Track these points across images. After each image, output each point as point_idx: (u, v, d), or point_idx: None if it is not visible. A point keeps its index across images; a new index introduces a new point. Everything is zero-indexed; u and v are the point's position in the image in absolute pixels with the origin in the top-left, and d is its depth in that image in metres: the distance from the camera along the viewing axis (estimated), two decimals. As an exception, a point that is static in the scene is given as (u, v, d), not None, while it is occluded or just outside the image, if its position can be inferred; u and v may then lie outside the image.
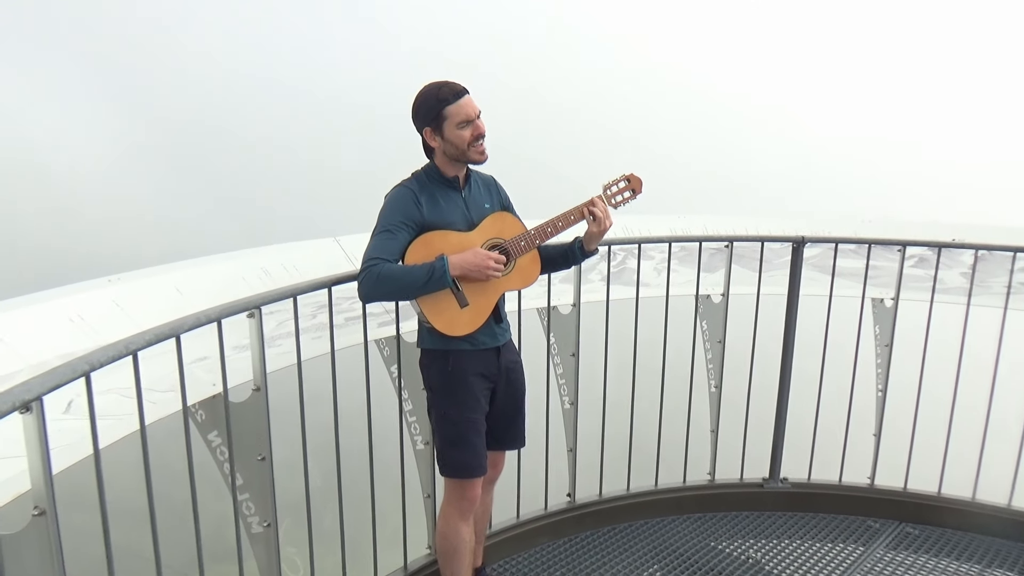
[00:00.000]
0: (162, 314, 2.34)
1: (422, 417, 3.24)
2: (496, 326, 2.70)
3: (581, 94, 8.21)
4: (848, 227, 4.34)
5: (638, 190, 2.68)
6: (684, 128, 8.21)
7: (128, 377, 2.02)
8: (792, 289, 3.92)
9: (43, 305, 2.28)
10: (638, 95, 8.30)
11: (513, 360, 2.84)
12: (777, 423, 4.08)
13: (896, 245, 3.87)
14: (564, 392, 3.76)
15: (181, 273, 2.71)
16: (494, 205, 2.72)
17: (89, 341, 2.29)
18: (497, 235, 2.60)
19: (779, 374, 4.04)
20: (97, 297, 2.41)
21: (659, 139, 8.12)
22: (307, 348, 2.84)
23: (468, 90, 2.51)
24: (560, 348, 3.70)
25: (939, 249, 3.85)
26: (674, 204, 4.46)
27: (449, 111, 2.48)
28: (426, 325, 2.63)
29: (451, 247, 2.51)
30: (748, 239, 3.90)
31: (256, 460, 2.58)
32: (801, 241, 3.83)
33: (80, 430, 1.97)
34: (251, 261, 2.96)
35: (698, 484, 4.05)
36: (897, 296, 3.93)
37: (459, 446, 2.68)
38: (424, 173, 2.63)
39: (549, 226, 2.61)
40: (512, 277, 2.63)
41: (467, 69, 7.64)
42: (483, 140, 2.53)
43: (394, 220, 2.51)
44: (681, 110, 8.28)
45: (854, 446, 4.09)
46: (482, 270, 2.50)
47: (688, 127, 8.22)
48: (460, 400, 2.67)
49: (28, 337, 2.17)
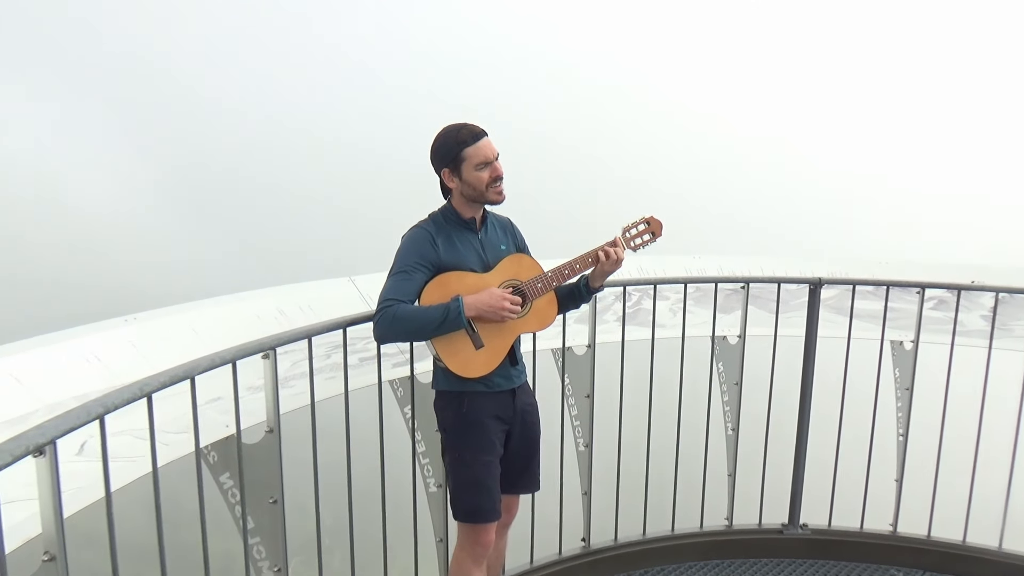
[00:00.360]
0: (178, 354, 2.34)
1: (435, 459, 3.20)
2: (512, 368, 2.68)
3: (595, 135, 8.28)
4: (865, 268, 4.31)
5: (658, 233, 2.67)
6: (699, 168, 8.25)
7: (142, 418, 2.01)
8: (810, 331, 3.87)
9: (60, 345, 2.29)
10: (653, 135, 8.37)
11: (528, 402, 2.81)
12: (796, 467, 4.00)
13: (915, 287, 3.83)
14: (579, 434, 3.71)
15: (197, 313, 2.72)
16: (510, 247, 2.72)
17: (105, 382, 2.29)
18: (514, 276, 2.60)
19: (797, 417, 3.97)
20: (114, 337, 2.41)
21: (674, 179, 8.15)
22: (321, 388, 2.82)
23: (487, 132, 2.53)
24: (575, 389, 3.66)
25: (959, 291, 3.81)
26: (689, 244, 4.45)
27: (468, 153, 2.49)
28: (440, 366, 2.61)
29: (467, 288, 2.51)
30: (764, 280, 3.88)
31: (268, 503, 2.55)
32: (818, 283, 3.80)
33: (93, 472, 1.96)
34: (267, 301, 2.97)
35: (716, 529, 3.96)
36: (917, 339, 3.88)
37: (473, 490, 2.64)
38: (441, 214, 2.64)
39: (566, 268, 2.60)
40: (528, 319, 2.61)
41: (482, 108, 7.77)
42: (501, 182, 2.54)
43: (410, 261, 2.51)
44: (696, 150, 8.33)
45: (876, 491, 4.00)
46: (497, 311, 2.49)
47: (703, 167, 8.25)
48: (475, 443, 2.64)
49: (44, 377, 2.17)
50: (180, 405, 2.20)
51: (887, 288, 3.82)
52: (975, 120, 8.28)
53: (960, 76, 8.17)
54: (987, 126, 8.32)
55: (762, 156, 8.39)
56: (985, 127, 8.32)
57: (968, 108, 8.23)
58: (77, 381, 2.22)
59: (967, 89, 8.18)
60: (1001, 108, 8.29)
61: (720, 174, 8.29)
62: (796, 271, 4.16)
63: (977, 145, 8.33)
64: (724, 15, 8.31)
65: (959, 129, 8.29)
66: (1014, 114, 8.27)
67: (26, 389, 2.09)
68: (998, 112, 8.28)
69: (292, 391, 2.82)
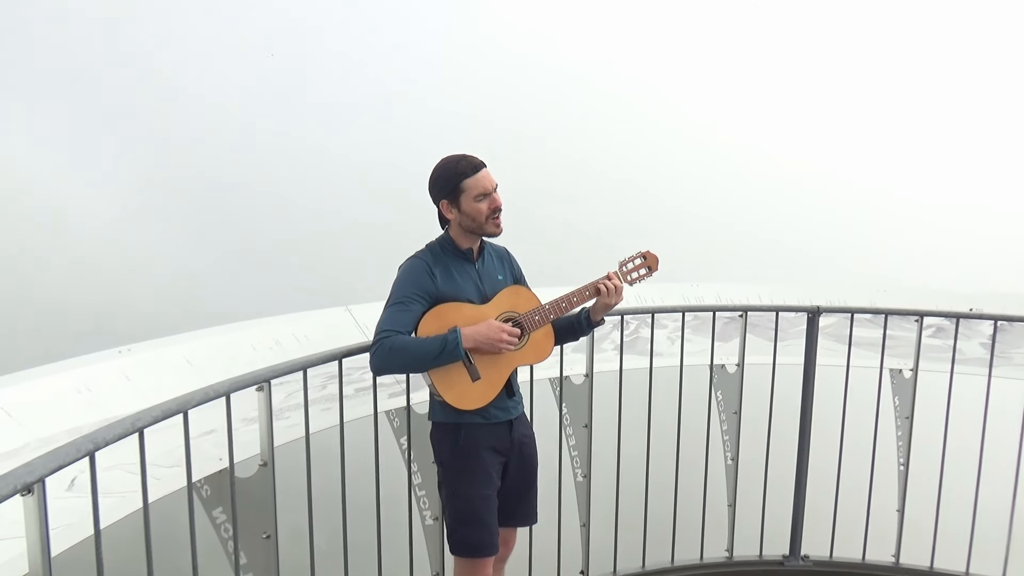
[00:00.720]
0: (172, 386, 2.32)
1: (432, 491, 3.16)
2: (509, 399, 2.66)
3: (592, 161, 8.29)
4: (864, 295, 4.30)
5: (654, 267, 2.67)
6: (696, 194, 8.28)
7: (133, 453, 1.98)
8: (808, 359, 3.85)
9: (51, 378, 2.27)
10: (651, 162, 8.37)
11: (526, 434, 2.78)
12: (796, 497, 3.96)
13: (913, 315, 3.82)
14: (577, 464, 3.68)
15: (192, 344, 2.70)
16: (507, 277, 2.71)
17: (98, 415, 2.26)
18: (511, 308, 2.58)
19: (797, 446, 3.94)
20: (106, 369, 2.39)
21: (671, 205, 8.17)
22: (316, 420, 2.80)
23: (486, 163, 2.53)
24: (572, 419, 3.64)
25: (957, 319, 3.80)
26: (687, 272, 4.44)
27: (467, 184, 2.49)
28: (437, 398, 2.59)
29: (465, 320, 2.49)
30: (762, 309, 3.87)
31: (261, 538, 2.51)
32: (816, 311, 3.79)
33: (83, 509, 1.92)
34: (262, 331, 2.95)
35: (716, 561, 3.91)
36: (916, 367, 3.86)
37: (470, 524, 2.61)
38: (438, 244, 2.63)
39: (564, 301, 2.59)
40: (526, 351, 2.59)
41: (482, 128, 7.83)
42: (500, 213, 2.54)
43: (407, 292, 2.50)
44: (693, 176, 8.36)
45: (877, 521, 3.96)
46: (495, 343, 2.47)
47: (700, 194, 8.28)
48: (471, 476, 2.61)
49: (36, 411, 2.14)
50: (174, 438, 2.17)
51: (885, 316, 3.81)
52: (976, 146, 8.33)
53: (965, 99, 8.23)
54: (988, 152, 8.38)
55: (760, 182, 8.41)
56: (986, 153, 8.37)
57: (971, 132, 8.28)
58: (69, 414, 2.19)
59: (970, 111, 8.23)
60: (1005, 134, 8.34)
61: (718, 200, 8.32)
62: (794, 299, 4.15)
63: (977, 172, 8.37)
64: (717, 65, 8.40)
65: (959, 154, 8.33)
66: (1016, 142, 8.33)
67: (17, 423, 2.06)
68: (1001, 138, 8.34)
69: (287, 422, 2.79)
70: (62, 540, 2.04)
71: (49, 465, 1.58)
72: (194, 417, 2.16)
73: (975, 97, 9.03)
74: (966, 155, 8.96)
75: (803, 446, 3.92)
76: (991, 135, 8.90)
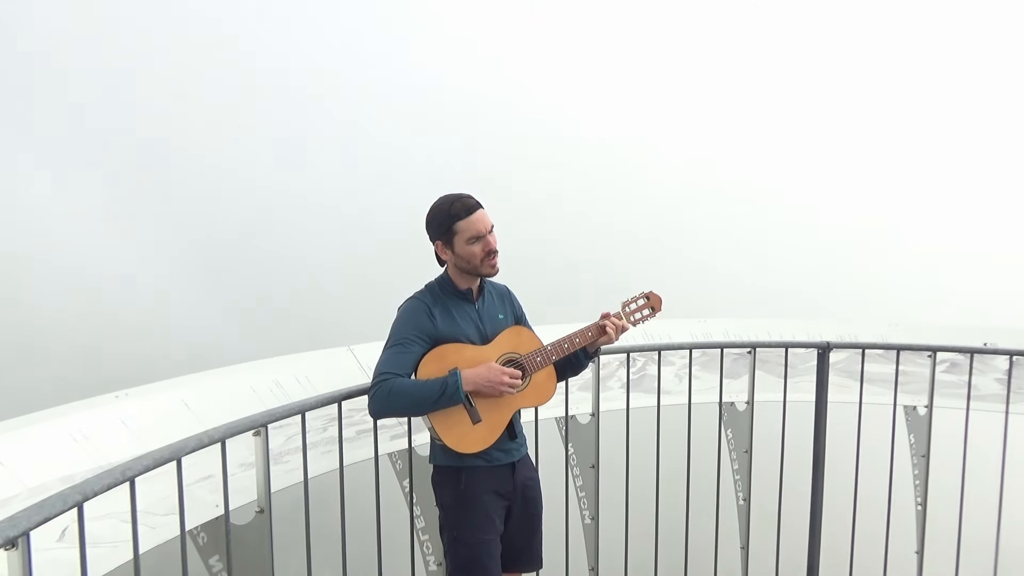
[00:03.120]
0: (168, 431, 2.28)
1: (435, 535, 3.09)
2: (511, 442, 2.60)
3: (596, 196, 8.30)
4: (874, 330, 4.24)
5: (657, 308, 2.63)
6: (702, 229, 8.25)
7: (127, 500, 1.94)
8: (820, 396, 3.78)
9: (46, 424, 2.24)
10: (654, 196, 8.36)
11: (530, 476, 2.72)
12: (811, 539, 3.85)
13: (926, 351, 3.75)
14: (584, 506, 3.60)
15: (190, 388, 2.67)
16: (508, 316, 2.67)
17: (93, 462, 2.22)
18: (513, 349, 2.54)
19: (811, 486, 3.84)
20: (102, 415, 2.36)
21: (677, 240, 8.14)
22: (316, 463, 2.75)
23: (481, 204, 2.50)
24: (579, 459, 3.57)
25: (972, 355, 3.72)
26: (694, 308, 4.39)
27: (460, 226, 2.46)
28: (437, 442, 2.54)
29: (465, 361, 2.45)
30: (771, 345, 3.81)
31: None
32: (827, 347, 3.72)
33: (73, 560, 1.88)
34: (263, 373, 2.92)
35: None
36: (931, 404, 3.78)
37: (471, 571, 2.53)
38: (437, 284, 2.60)
39: (566, 342, 2.54)
40: (527, 394, 2.54)
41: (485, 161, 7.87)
42: (495, 255, 2.51)
43: (407, 333, 2.46)
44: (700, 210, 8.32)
45: (895, 564, 3.84)
46: (496, 386, 2.42)
47: (706, 227, 8.25)
48: (473, 520, 2.54)
49: (28, 459, 2.11)
50: (169, 484, 2.13)
51: (897, 352, 3.74)
52: (991, 180, 8.26)
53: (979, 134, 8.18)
54: (1002, 182, 8.30)
55: (769, 216, 8.37)
56: (1000, 183, 8.29)
57: (985, 166, 8.20)
58: (63, 463, 2.16)
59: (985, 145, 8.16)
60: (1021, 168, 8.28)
61: (724, 235, 8.28)
62: (804, 334, 4.09)
63: (991, 205, 8.29)
64: (724, 101, 8.45)
65: (972, 188, 8.27)
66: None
67: (8, 472, 2.03)
68: (1017, 172, 8.27)
69: (286, 467, 2.74)
70: (51, 593, 1.98)
71: (34, 518, 1.54)
72: (190, 462, 2.12)
73: (990, 131, 9.00)
74: (980, 189, 8.91)
75: (817, 486, 3.83)
76: (1006, 169, 8.85)
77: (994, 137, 8.99)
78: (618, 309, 2.62)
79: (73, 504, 1.64)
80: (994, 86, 9.07)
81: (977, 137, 9.00)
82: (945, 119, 9.20)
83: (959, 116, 9.19)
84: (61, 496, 1.62)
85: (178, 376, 2.90)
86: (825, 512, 3.82)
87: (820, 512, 3.82)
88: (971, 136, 9.02)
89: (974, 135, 9.04)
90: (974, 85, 9.10)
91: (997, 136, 8.99)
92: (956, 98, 9.19)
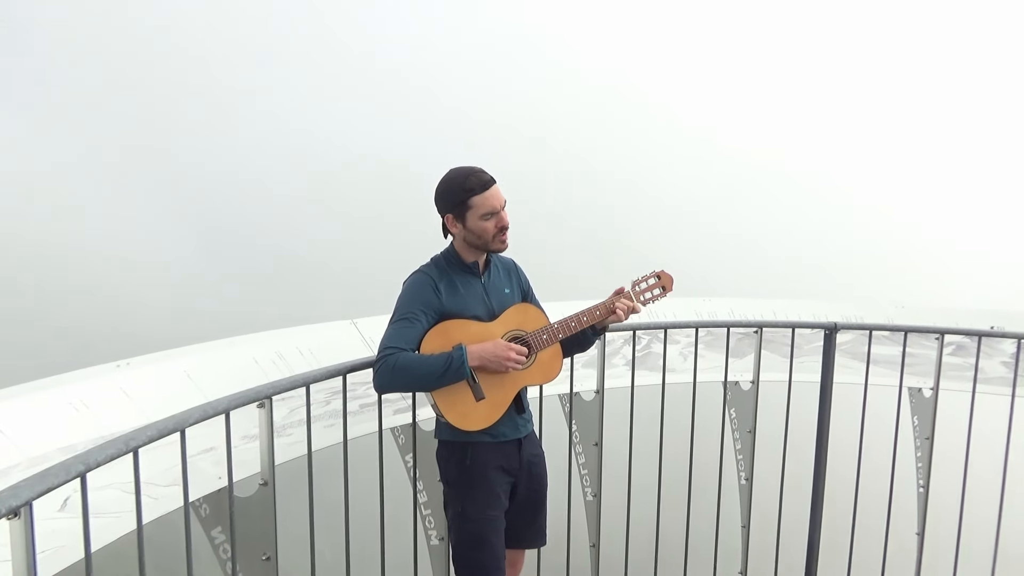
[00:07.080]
0: (170, 401, 2.25)
1: (437, 511, 3.08)
2: (519, 417, 2.58)
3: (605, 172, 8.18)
4: (881, 311, 4.20)
5: (668, 287, 2.60)
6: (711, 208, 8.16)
7: (130, 471, 1.91)
8: (825, 377, 3.75)
9: (46, 393, 2.20)
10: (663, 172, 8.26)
11: (535, 453, 2.70)
12: (812, 520, 3.85)
13: (934, 333, 3.72)
14: (587, 483, 3.59)
15: (192, 358, 2.63)
16: (514, 290, 2.63)
17: (94, 432, 2.19)
18: (519, 327, 2.50)
19: (814, 466, 3.83)
20: (104, 384, 2.32)
21: (684, 219, 8.06)
22: (320, 436, 2.72)
23: (495, 180, 2.45)
24: (582, 437, 3.55)
25: (979, 337, 3.69)
26: (700, 286, 4.35)
27: (474, 201, 2.41)
28: (440, 419, 2.52)
29: (471, 337, 2.41)
30: (777, 325, 3.77)
31: (261, 560, 2.44)
32: (833, 328, 3.69)
33: (76, 530, 1.85)
34: (265, 345, 2.89)
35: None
36: (936, 386, 3.76)
37: (476, 547, 2.52)
38: (443, 258, 2.56)
39: (573, 320, 2.51)
40: (532, 371, 2.51)
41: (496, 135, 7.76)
42: (507, 231, 2.46)
43: (412, 308, 2.42)
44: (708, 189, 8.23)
45: (896, 544, 3.84)
46: (502, 362, 2.39)
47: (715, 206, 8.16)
48: (478, 496, 2.53)
49: (29, 428, 2.08)
50: (172, 455, 2.10)
51: (905, 334, 3.71)
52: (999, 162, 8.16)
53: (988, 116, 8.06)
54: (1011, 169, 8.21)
55: (777, 195, 8.29)
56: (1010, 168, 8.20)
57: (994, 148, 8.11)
58: (64, 432, 2.13)
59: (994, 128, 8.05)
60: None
61: (733, 213, 8.19)
62: (810, 314, 4.06)
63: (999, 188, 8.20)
64: (740, 78, 8.32)
65: (981, 170, 8.17)
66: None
67: (8, 440, 2.00)
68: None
69: (290, 439, 2.72)
70: (54, 563, 1.97)
71: (36, 488, 1.51)
72: (193, 434, 2.09)
73: (999, 114, 8.90)
74: (988, 171, 8.83)
75: (820, 466, 3.82)
76: (1015, 152, 8.77)
77: (1004, 122, 8.90)
78: (628, 287, 2.59)
79: (76, 474, 1.61)
80: (1007, 77, 8.97)
81: (987, 122, 8.92)
82: (954, 105, 9.11)
83: (968, 102, 9.10)
84: (64, 466, 1.59)
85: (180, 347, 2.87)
86: (827, 493, 3.82)
87: (822, 493, 3.82)
88: (981, 121, 8.93)
89: (983, 120, 8.96)
90: (986, 74, 9.01)
91: (1007, 121, 8.91)
92: (962, 85, 9.10)
